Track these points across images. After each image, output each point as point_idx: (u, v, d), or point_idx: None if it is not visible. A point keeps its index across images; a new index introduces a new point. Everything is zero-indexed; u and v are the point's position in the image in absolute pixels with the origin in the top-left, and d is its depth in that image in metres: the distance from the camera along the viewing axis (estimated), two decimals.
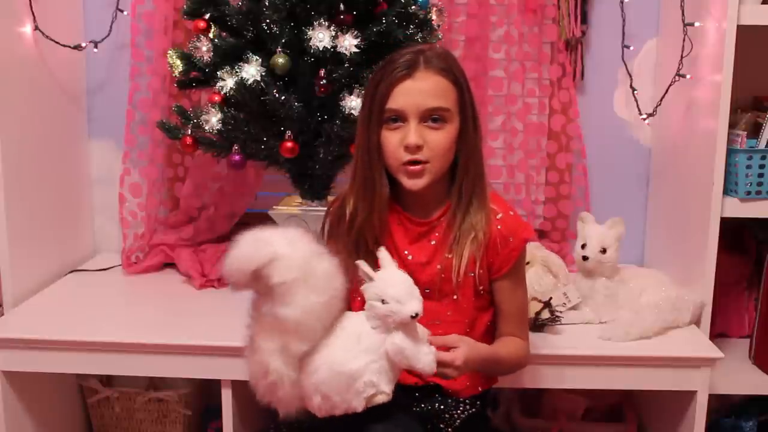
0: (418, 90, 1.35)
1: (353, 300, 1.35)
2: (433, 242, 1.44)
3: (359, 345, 1.20)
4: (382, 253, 1.27)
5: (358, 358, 1.19)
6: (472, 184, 1.41)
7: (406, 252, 1.44)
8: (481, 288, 1.44)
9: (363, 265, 1.22)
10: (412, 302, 1.18)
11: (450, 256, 1.42)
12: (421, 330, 1.25)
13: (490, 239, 1.41)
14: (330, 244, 1.42)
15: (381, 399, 1.21)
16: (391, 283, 1.19)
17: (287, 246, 1.15)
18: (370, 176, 1.40)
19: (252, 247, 1.14)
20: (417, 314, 1.18)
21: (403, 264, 1.41)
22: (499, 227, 1.42)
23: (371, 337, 1.21)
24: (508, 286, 1.46)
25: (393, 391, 1.24)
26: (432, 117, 1.36)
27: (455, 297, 1.43)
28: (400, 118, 1.36)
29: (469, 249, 1.40)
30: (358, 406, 1.21)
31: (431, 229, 1.45)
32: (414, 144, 1.34)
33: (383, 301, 1.18)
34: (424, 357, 1.21)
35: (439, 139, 1.36)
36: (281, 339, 1.17)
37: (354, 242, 1.42)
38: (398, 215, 1.46)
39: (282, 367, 1.18)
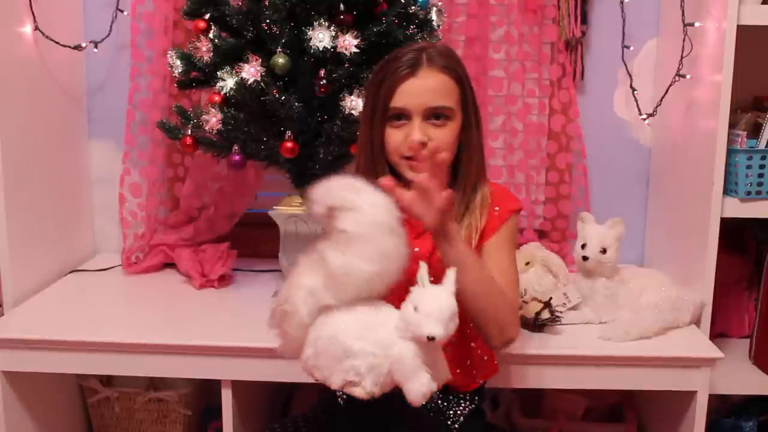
0: (422, 89, 1.36)
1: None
2: None
3: (373, 332, 1.18)
4: (450, 273, 1.20)
5: (363, 341, 1.17)
6: (475, 178, 1.43)
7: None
8: None
9: (423, 270, 1.19)
10: (436, 325, 1.13)
11: None
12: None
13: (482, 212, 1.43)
14: None
15: (358, 392, 1.18)
16: (430, 298, 1.16)
17: (370, 205, 1.15)
18: (373, 172, 1.41)
19: (341, 187, 1.17)
20: (433, 338, 1.13)
21: (410, 257, 1.41)
22: (489, 200, 1.44)
23: (388, 334, 1.17)
24: (494, 252, 1.42)
25: (376, 397, 1.19)
26: (435, 115, 1.37)
27: None
28: (403, 116, 1.37)
29: (465, 233, 1.41)
30: (335, 383, 1.19)
31: None
32: (418, 141, 1.35)
33: (415, 309, 1.15)
34: (419, 381, 1.15)
35: (443, 136, 1.38)
36: (318, 280, 1.17)
37: None
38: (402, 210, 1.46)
39: (301, 305, 1.18)
